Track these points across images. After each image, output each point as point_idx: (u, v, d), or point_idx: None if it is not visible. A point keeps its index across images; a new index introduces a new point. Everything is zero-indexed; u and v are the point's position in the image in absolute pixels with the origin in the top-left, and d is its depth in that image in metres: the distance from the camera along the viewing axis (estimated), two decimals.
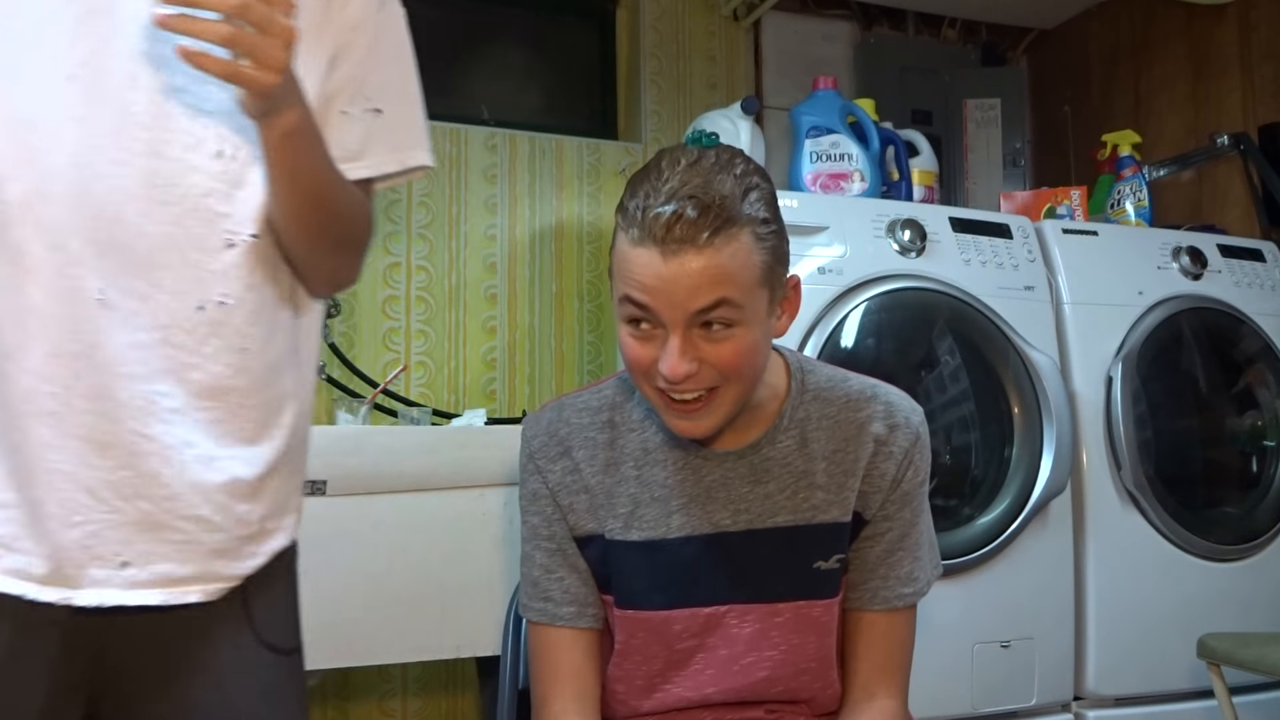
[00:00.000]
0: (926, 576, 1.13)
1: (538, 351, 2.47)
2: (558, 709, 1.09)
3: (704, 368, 0.97)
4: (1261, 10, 2.37)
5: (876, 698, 1.10)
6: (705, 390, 0.99)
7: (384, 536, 1.67)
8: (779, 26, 2.76)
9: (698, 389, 0.98)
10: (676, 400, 0.99)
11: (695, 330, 0.96)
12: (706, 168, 0.95)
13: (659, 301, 0.94)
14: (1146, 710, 1.96)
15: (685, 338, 0.95)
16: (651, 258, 0.93)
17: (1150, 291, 2.07)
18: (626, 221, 0.96)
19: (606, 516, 1.10)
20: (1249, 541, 2.05)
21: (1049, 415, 1.87)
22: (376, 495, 1.67)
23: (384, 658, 1.72)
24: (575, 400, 1.15)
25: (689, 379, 0.96)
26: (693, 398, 0.99)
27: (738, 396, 1.01)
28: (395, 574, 1.66)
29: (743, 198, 0.95)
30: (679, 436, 1.10)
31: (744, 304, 0.95)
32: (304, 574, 1.04)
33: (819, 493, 1.09)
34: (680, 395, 0.99)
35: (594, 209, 2.54)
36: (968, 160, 2.75)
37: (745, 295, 0.95)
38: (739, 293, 0.95)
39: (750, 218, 0.95)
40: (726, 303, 0.94)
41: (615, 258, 0.99)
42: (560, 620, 1.11)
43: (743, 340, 0.97)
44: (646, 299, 0.95)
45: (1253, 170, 2.36)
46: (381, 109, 0.99)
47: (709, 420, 1.01)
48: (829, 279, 1.84)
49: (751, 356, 0.99)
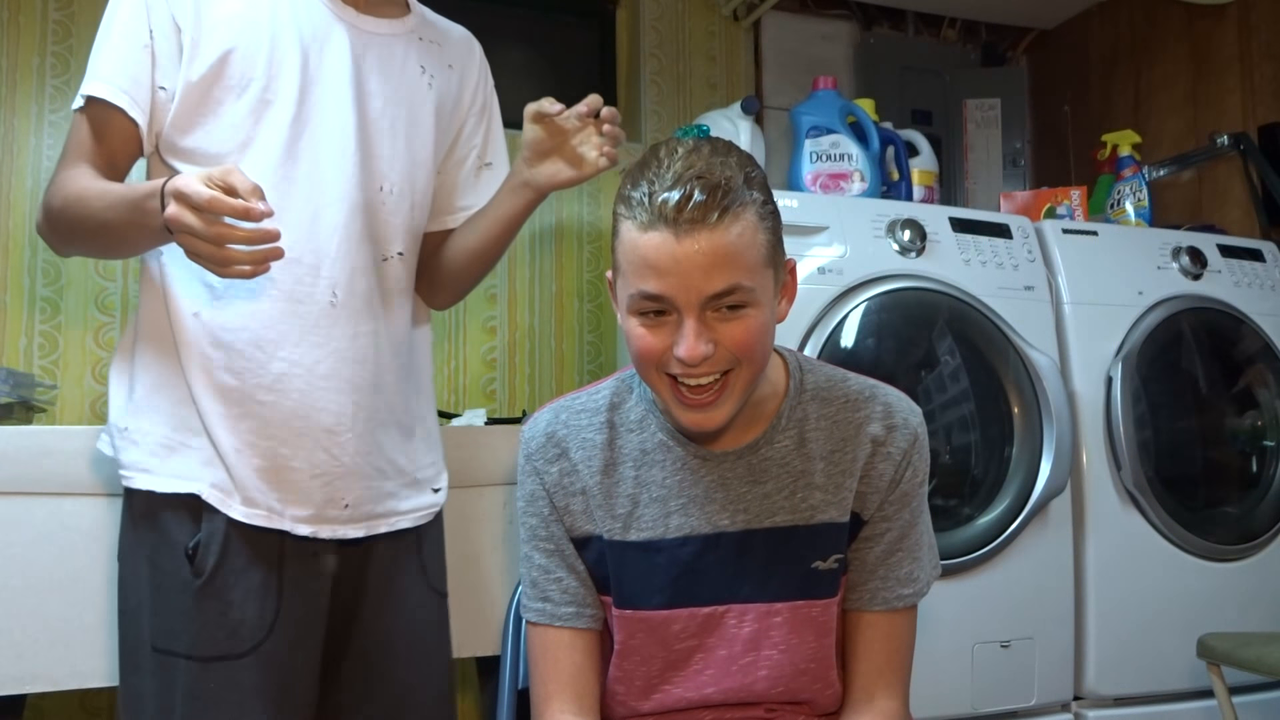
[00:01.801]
0: (926, 577, 1.13)
1: (538, 351, 2.47)
2: (557, 709, 1.09)
3: (719, 349, 0.98)
4: (1261, 10, 2.37)
5: (877, 699, 1.10)
6: (719, 375, 0.99)
7: None
8: (779, 26, 2.76)
9: (713, 372, 0.99)
10: (690, 390, 1.00)
11: (709, 313, 0.97)
12: (706, 153, 0.98)
13: (673, 285, 0.95)
14: (1146, 710, 1.96)
15: (700, 320, 0.96)
16: (664, 239, 0.94)
17: (1150, 291, 2.07)
18: (632, 210, 0.97)
19: (605, 517, 1.11)
20: (1249, 541, 2.05)
21: (1049, 415, 1.87)
22: None
23: None
24: (573, 402, 1.16)
25: (705, 361, 0.97)
26: (708, 382, 0.99)
27: (749, 381, 1.01)
28: None
29: (744, 179, 0.97)
30: (677, 437, 1.10)
31: (754, 285, 0.97)
32: None
33: (817, 493, 1.09)
34: (695, 380, 0.99)
35: (594, 209, 2.54)
36: (968, 160, 2.75)
37: (755, 276, 0.97)
38: (749, 274, 0.96)
39: (754, 198, 0.97)
40: (739, 287, 0.96)
41: (621, 247, 0.99)
42: (559, 621, 1.11)
43: (754, 320, 0.98)
44: (660, 284, 0.95)
45: (1252, 170, 2.36)
46: (492, 163, 1.43)
47: (722, 410, 1.01)
48: (829, 279, 1.84)
49: (763, 337, 1.00)
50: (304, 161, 1.19)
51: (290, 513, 1.17)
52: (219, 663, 1.12)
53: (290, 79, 1.18)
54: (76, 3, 2.15)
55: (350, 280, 1.20)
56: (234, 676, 1.12)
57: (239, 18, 1.18)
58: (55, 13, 2.13)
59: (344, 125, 1.21)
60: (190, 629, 1.12)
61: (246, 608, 1.14)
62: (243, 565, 1.15)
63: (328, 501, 1.19)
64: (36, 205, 2.11)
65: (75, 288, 2.10)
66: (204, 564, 1.13)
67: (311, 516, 1.18)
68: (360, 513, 1.22)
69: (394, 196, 1.27)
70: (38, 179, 2.10)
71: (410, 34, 1.32)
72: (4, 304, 2.05)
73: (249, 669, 1.13)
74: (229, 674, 1.12)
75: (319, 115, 1.20)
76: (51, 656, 1.34)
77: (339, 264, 1.20)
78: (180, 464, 1.16)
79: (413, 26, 1.33)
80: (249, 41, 1.17)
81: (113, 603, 1.22)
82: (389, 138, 1.26)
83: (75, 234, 1.15)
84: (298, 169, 1.18)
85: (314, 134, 1.20)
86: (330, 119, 1.21)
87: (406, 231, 1.29)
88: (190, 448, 1.16)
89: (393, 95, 1.27)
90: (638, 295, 0.97)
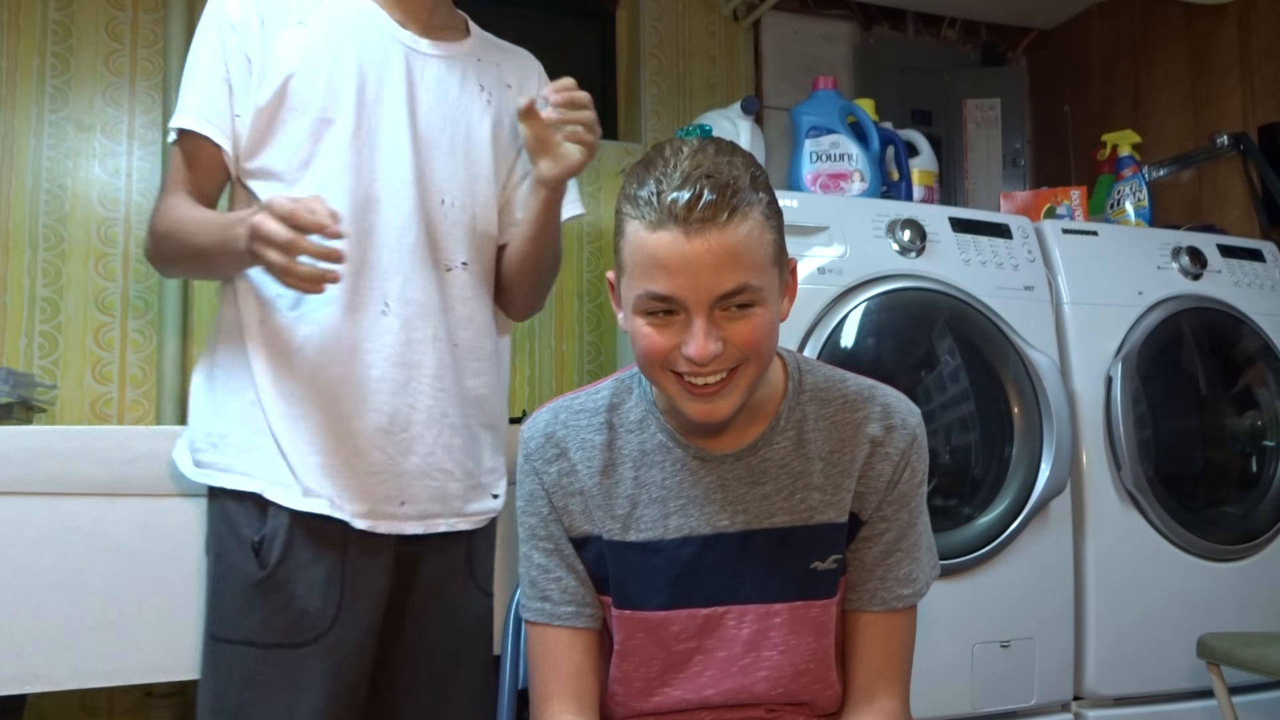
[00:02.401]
0: (925, 578, 1.13)
1: (538, 351, 2.47)
2: (557, 709, 1.09)
3: (727, 347, 0.98)
4: (1261, 10, 2.37)
5: (877, 699, 1.10)
6: (726, 371, 0.99)
7: None
8: (779, 26, 2.76)
9: (720, 370, 0.99)
10: (697, 386, 1.00)
11: (718, 312, 0.97)
12: (712, 153, 0.98)
13: (683, 284, 0.95)
14: (1146, 710, 1.96)
15: (709, 319, 0.96)
16: (675, 239, 0.94)
17: (1150, 291, 2.07)
18: (639, 209, 0.96)
19: (605, 518, 1.11)
20: (1248, 541, 2.05)
21: (1049, 415, 1.87)
22: None
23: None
24: (572, 402, 1.16)
25: (714, 360, 0.97)
26: (715, 381, 0.99)
27: (755, 376, 1.02)
28: None
29: (750, 179, 0.97)
30: (677, 438, 1.10)
31: (762, 284, 0.97)
32: None
33: (815, 493, 1.09)
34: (703, 379, 0.99)
35: (593, 209, 2.54)
36: (968, 160, 2.75)
37: (762, 275, 0.97)
38: (757, 273, 0.97)
39: (760, 198, 0.98)
40: (749, 287, 0.96)
41: (628, 247, 0.98)
42: (558, 620, 1.11)
43: (762, 319, 0.98)
44: (670, 283, 0.95)
45: (1252, 170, 2.36)
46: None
47: (729, 401, 1.01)
48: (829, 279, 1.84)
49: (770, 335, 1.00)
50: (361, 178, 1.26)
51: (349, 507, 1.22)
52: (279, 650, 1.18)
53: (348, 100, 1.26)
54: (76, 3, 2.15)
55: (402, 289, 1.27)
56: (295, 663, 1.18)
57: (301, 45, 1.26)
58: (55, 13, 2.13)
59: (400, 142, 1.28)
60: (253, 618, 1.19)
61: (310, 600, 1.19)
62: (308, 559, 1.20)
63: (386, 499, 1.25)
64: (37, 205, 2.13)
65: (75, 288, 2.10)
66: (269, 557, 1.19)
67: (369, 511, 1.23)
68: (418, 509, 1.27)
69: (454, 209, 1.33)
70: (38, 179, 2.10)
71: (469, 55, 1.40)
72: (4, 304, 2.05)
73: (310, 657, 1.18)
74: (289, 661, 1.18)
75: (376, 134, 1.27)
76: (51, 656, 1.34)
77: (390, 275, 1.26)
78: (249, 462, 1.23)
79: (470, 49, 1.41)
80: (309, 66, 1.26)
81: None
82: (447, 153, 1.33)
83: (177, 259, 1.27)
84: (355, 185, 1.25)
85: (371, 151, 1.27)
86: (387, 137, 1.28)
87: (470, 242, 1.35)
88: (258, 448, 1.22)
89: (449, 113, 1.34)
90: (645, 295, 0.97)
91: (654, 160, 0.99)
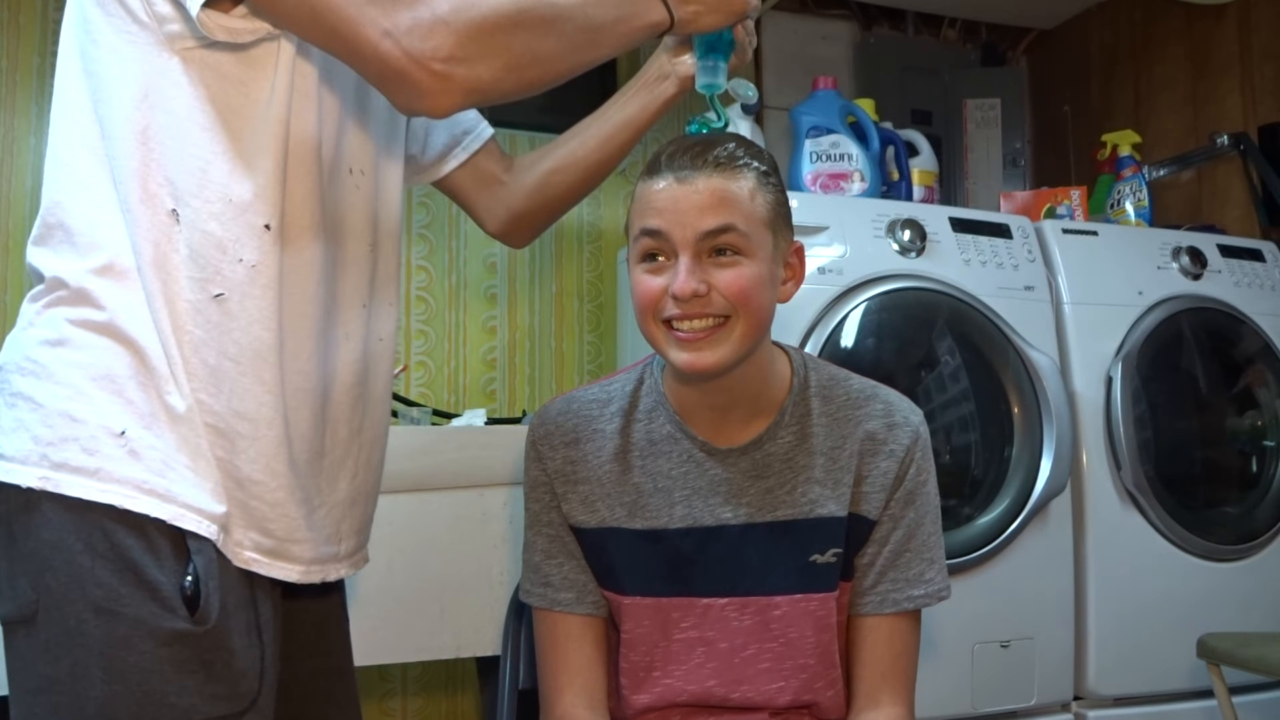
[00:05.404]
0: (940, 580, 1.13)
1: (538, 351, 2.47)
2: (569, 702, 1.10)
3: (712, 293, 1.00)
4: (1261, 10, 2.37)
5: (882, 704, 1.11)
6: (714, 322, 1.01)
7: (384, 536, 1.66)
8: (779, 26, 2.76)
9: (705, 314, 1.01)
10: (684, 333, 1.02)
11: (705, 256, 1.01)
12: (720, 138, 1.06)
13: (670, 220, 1.00)
14: (1146, 710, 1.96)
15: (694, 258, 1.00)
16: (666, 183, 1.02)
17: (1150, 291, 2.07)
18: (645, 172, 1.05)
19: (611, 505, 1.12)
20: (1248, 541, 2.05)
21: (1049, 415, 1.87)
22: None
23: (384, 658, 1.72)
24: (585, 394, 1.18)
25: (697, 299, 1.00)
26: (701, 327, 1.01)
27: (745, 335, 1.02)
28: (395, 574, 1.66)
29: (751, 155, 1.04)
30: (685, 429, 1.11)
31: (750, 234, 1.01)
32: None
33: (816, 487, 1.10)
34: (689, 325, 1.01)
35: (594, 209, 2.54)
36: (968, 160, 2.75)
37: (751, 226, 1.02)
38: (745, 221, 1.01)
39: (757, 167, 1.04)
40: (733, 229, 1.00)
41: (634, 206, 1.05)
42: (559, 605, 1.12)
43: (748, 270, 1.01)
44: (659, 219, 1.01)
45: (1252, 170, 2.36)
46: None
47: (715, 353, 1.02)
48: (829, 279, 1.84)
49: (758, 290, 1.02)
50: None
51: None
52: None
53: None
54: None
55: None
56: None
57: None
58: (55, 12, 2.13)
59: None
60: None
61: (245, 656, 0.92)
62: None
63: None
64: (37, 205, 2.11)
65: None
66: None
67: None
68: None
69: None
70: (38, 179, 2.08)
71: None
72: (4, 304, 2.05)
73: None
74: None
75: None
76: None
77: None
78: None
79: None
80: None
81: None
82: None
83: (541, 38, 0.94)
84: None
85: None
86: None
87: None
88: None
89: None
90: (639, 235, 1.03)
91: (666, 145, 1.06)
